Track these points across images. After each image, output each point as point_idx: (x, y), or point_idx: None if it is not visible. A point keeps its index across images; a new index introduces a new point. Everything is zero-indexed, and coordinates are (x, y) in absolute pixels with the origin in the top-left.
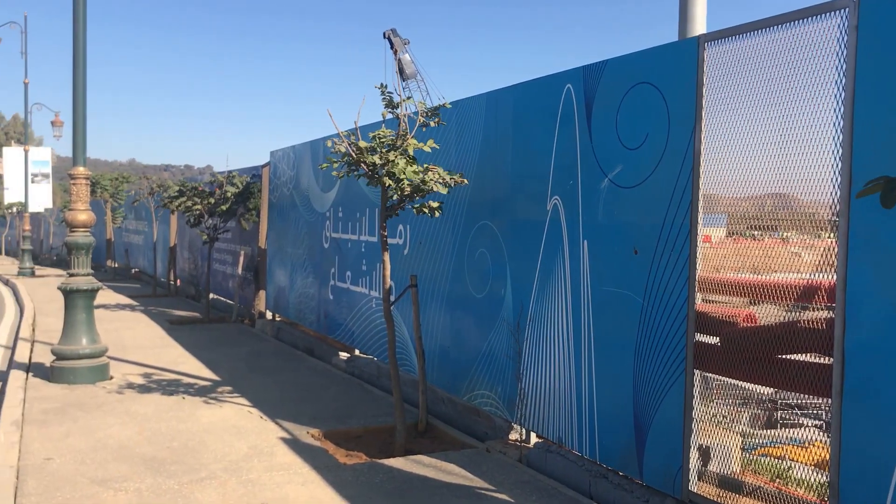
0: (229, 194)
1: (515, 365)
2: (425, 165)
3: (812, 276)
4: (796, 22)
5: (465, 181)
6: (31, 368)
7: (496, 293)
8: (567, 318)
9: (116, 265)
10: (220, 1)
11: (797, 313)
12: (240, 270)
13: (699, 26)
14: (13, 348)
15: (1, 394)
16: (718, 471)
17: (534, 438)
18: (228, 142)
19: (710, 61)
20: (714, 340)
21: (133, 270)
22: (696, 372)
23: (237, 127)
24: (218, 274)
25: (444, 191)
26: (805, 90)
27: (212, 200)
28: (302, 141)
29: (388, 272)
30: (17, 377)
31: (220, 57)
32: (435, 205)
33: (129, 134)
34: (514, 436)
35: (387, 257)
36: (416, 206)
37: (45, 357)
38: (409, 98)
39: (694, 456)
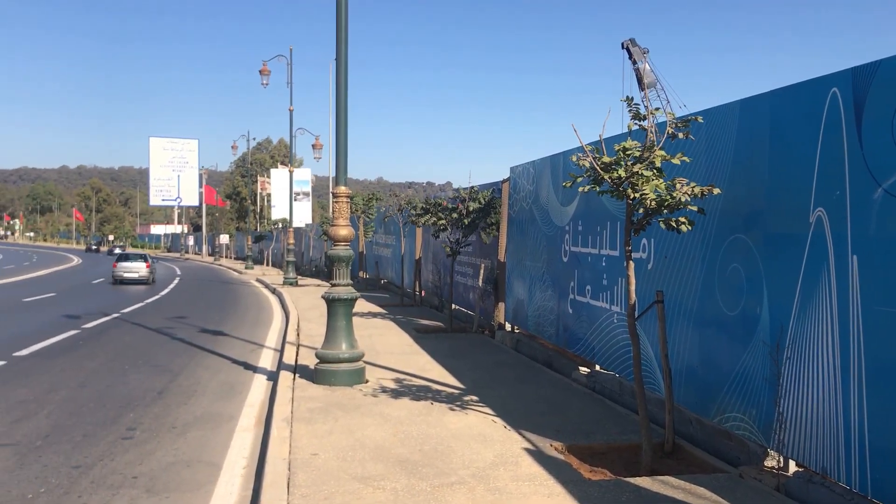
0: (471, 209)
1: (773, 388)
2: (673, 179)
3: None
4: None
5: (717, 190)
6: (297, 370)
7: (751, 311)
8: (833, 340)
9: (367, 276)
10: (460, 27)
11: None
12: (480, 283)
13: None
14: (281, 351)
15: (272, 393)
16: None
17: (793, 466)
18: (467, 159)
19: None
20: None
21: (382, 281)
22: None
23: (475, 145)
24: (459, 286)
25: (693, 208)
26: None
27: (455, 216)
28: (540, 156)
29: (632, 287)
30: (285, 377)
31: (459, 79)
32: (683, 219)
33: (378, 154)
34: (769, 462)
35: (631, 272)
36: (662, 219)
37: (307, 359)
38: (657, 109)
39: None
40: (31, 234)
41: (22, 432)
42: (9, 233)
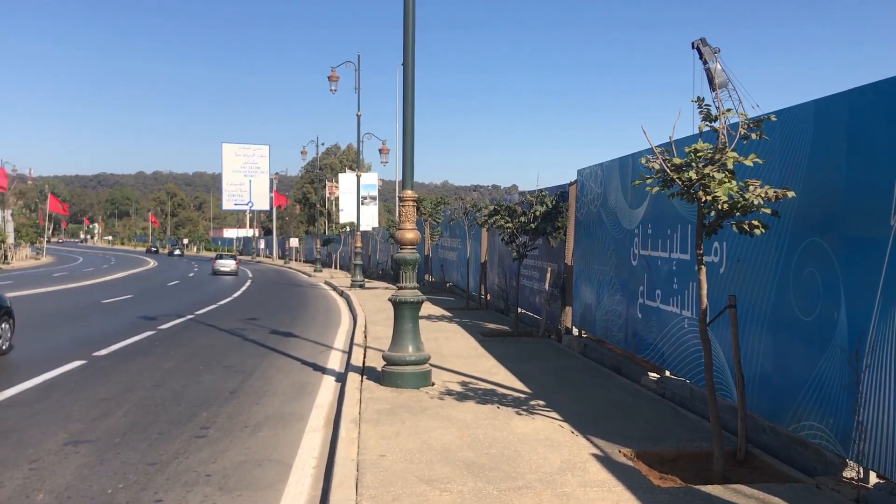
0: (538, 213)
1: (852, 396)
2: (746, 181)
3: None
4: None
5: (791, 193)
6: (365, 371)
7: (827, 317)
8: None
9: (433, 279)
10: (526, 28)
11: None
12: (546, 286)
13: None
14: (349, 353)
15: (341, 394)
16: None
17: (873, 478)
18: (532, 162)
19: None
20: None
21: (447, 284)
22: None
23: (541, 147)
24: (525, 289)
25: (767, 210)
26: None
27: (522, 219)
28: (608, 159)
29: (704, 292)
30: (353, 379)
31: (524, 81)
32: (756, 222)
33: (443, 157)
34: (848, 473)
35: (703, 276)
36: (734, 222)
37: (374, 361)
38: (728, 110)
39: None
40: (110, 237)
41: (102, 429)
42: (88, 236)
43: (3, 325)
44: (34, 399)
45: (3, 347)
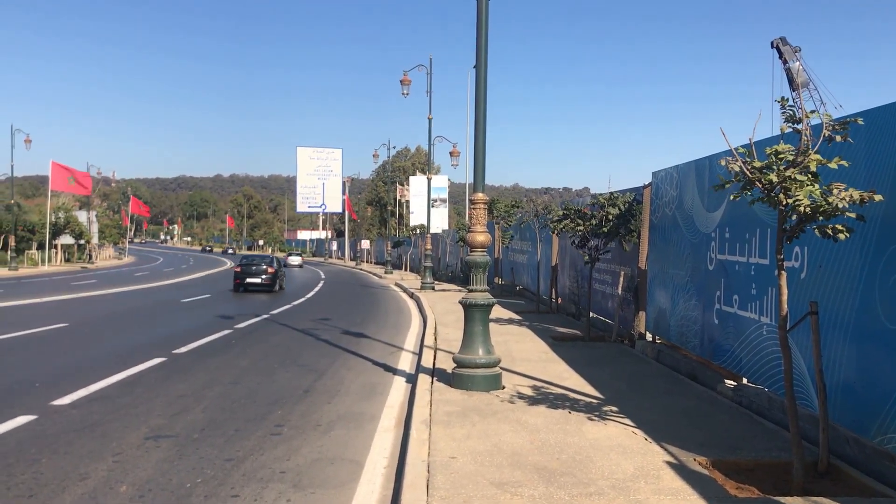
0: (610, 216)
1: None
2: (829, 184)
3: None
4: None
5: (879, 197)
6: (435, 373)
7: None
8: None
9: (503, 282)
10: (599, 20)
11: None
12: (619, 291)
13: None
14: (419, 354)
15: (411, 395)
16: None
17: None
18: (605, 163)
19: None
20: None
21: (517, 287)
22: None
23: (614, 149)
24: (597, 293)
25: (852, 214)
26: None
27: (594, 222)
28: (683, 161)
29: (784, 298)
30: (423, 381)
31: (598, 85)
32: (840, 226)
33: (513, 159)
34: None
35: (783, 282)
36: (817, 227)
37: (444, 363)
38: (812, 112)
39: None
40: (189, 238)
41: (181, 425)
42: (168, 237)
43: (284, 278)
44: (117, 394)
45: (283, 286)
